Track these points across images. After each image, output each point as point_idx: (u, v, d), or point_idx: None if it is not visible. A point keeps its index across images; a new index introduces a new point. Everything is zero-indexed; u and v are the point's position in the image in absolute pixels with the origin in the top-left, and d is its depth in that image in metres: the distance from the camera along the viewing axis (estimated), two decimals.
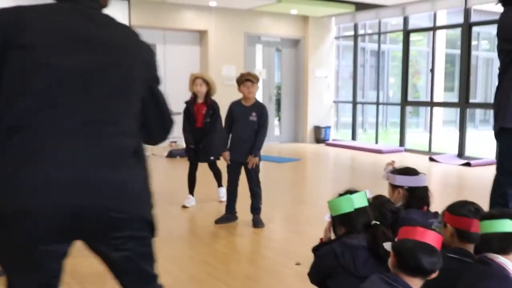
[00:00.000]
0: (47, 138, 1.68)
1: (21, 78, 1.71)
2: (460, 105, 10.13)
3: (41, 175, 1.65)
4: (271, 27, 12.24)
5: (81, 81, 1.75)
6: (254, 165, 5.15)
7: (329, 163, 10.31)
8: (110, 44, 1.85)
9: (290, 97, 12.95)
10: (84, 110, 1.74)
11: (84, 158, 1.70)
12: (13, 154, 1.67)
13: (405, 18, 11.08)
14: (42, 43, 1.73)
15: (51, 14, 1.82)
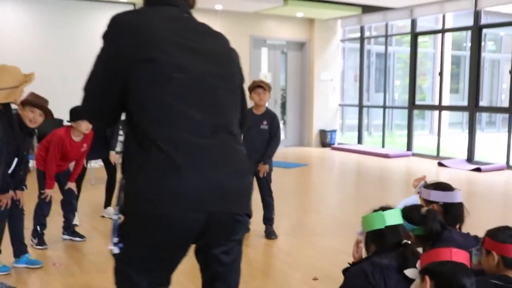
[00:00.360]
0: (181, 148, 1.78)
1: (148, 92, 1.81)
2: (469, 109, 10.00)
3: (179, 184, 1.75)
4: (276, 30, 12.13)
5: (202, 92, 1.87)
6: (265, 174, 5.03)
7: (337, 168, 10.20)
8: (218, 55, 2.00)
9: (296, 100, 12.83)
10: (208, 121, 1.86)
11: (215, 167, 1.81)
12: (153, 164, 1.77)
13: (413, 21, 10.95)
14: (164, 57, 1.82)
15: (164, 24, 1.90)
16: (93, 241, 4.91)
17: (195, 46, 1.93)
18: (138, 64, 1.81)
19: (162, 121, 1.79)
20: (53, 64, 9.74)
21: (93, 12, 10.09)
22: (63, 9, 9.81)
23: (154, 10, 1.97)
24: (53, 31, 9.78)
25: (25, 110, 3.85)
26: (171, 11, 1.99)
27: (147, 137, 1.79)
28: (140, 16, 1.95)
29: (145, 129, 1.79)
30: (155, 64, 1.81)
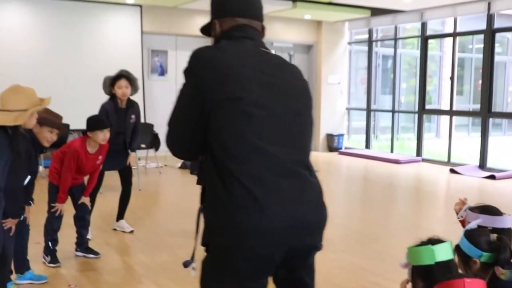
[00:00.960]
0: (263, 185, 1.82)
1: (231, 129, 1.84)
2: (482, 114, 9.83)
3: (262, 220, 1.80)
4: (283, 32, 11.93)
5: (281, 129, 1.91)
6: None
7: (346, 175, 10.02)
8: (295, 89, 2.01)
9: None
10: (288, 157, 1.90)
11: (295, 204, 1.86)
12: (235, 199, 1.81)
13: (423, 24, 10.78)
14: (247, 95, 1.85)
15: (245, 61, 1.93)
16: (107, 257, 4.71)
17: (274, 82, 1.95)
18: (223, 101, 1.85)
19: (244, 158, 1.82)
20: (57, 67, 9.55)
21: (98, 14, 9.89)
22: (67, 10, 9.61)
23: (233, 45, 1.99)
24: (57, 33, 9.58)
25: (43, 131, 3.66)
26: (248, 45, 2.02)
27: (229, 173, 1.82)
28: (222, 52, 1.95)
29: (227, 164, 1.83)
30: (239, 102, 1.84)
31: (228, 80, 1.87)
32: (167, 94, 11.06)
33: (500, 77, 17.26)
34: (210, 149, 1.89)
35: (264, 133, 1.86)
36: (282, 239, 1.83)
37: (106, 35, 10.01)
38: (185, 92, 1.94)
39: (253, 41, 2.04)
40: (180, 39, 11.22)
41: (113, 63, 9.98)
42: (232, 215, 1.82)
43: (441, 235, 2.29)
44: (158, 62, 11.07)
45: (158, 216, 6.39)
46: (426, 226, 6.02)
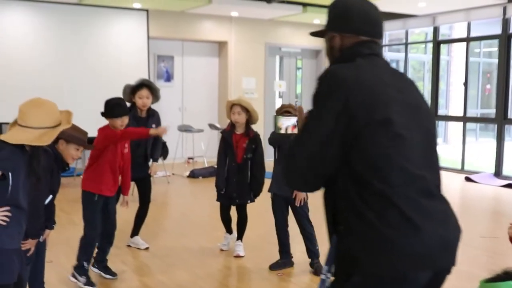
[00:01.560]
0: (415, 208, 1.75)
1: (380, 152, 1.75)
2: (497, 121, 9.61)
3: (415, 242, 1.73)
4: (291, 37, 11.71)
5: (424, 151, 1.84)
6: (302, 202, 4.59)
7: None
8: (424, 107, 1.91)
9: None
10: (432, 179, 1.84)
11: (443, 225, 1.81)
12: (387, 222, 1.73)
13: (435, 28, 10.57)
14: (393, 116, 1.76)
15: (384, 80, 1.84)
16: (124, 277, 4.46)
17: (410, 101, 1.87)
18: (373, 123, 1.74)
19: (396, 181, 1.75)
20: (62, 72, 9.31)
21: (104, 19, 9.66)
22: (73, 15, 9.37)
23: (368, 63, 1.88)
24: (62, 38, 9.33)
25: (69, 148, 3.41)
26: (381, 62, 1.94)
27: (379, 196, 1.74)
28: (361, 71, 1.83)
29: (377, 187, 1.74)
30: (388, 124, 1.75)
31: (377, 100, 1.76)
32: (174, 100, 10.85)
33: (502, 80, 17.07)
34: (350, 174, 1.79)
35: (410, 155, 1.79)
36: (431, 261, 1.78)
37: (112, 40, 9.78)
38: (324, 116, 1.77)
39: (383, 58, 1.96)
40: (187, 45, 10.99)
41: (119, 68, 9.77)
42: (383, 238, 1.74)
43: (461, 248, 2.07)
44: (164, 68, 10.83)
45: (171, 229, 6.14)
46: None
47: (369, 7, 1.97)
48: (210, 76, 11.33)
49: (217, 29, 10.86)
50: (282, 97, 12.09)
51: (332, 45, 1.98)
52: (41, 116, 2.75)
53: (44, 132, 2.73)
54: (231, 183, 4.87)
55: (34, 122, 2.72)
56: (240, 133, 4.86)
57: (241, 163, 4.85)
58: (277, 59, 11.94)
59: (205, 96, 11.28)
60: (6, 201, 2.69)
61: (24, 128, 2.71)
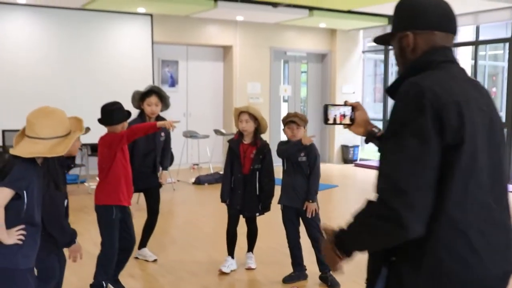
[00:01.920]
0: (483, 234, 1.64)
1: (458, 176, 1.59)
2: (508, 126, 9.46)
3: (482, 270, 1.64)
4: (297, 41, 11.58)
5: (497, 176, 1.70)
6: (314, 213, 4.45)
7: (364, 189, 9.56)
8: (499, 121, 1.76)
9: (316, 114, 12.24)
10: (499, 203, 1.70)
11: (505, 254, 1.70)
12: (456, 254, 1.61)
13: None
14: (478, 138, 1.62)
15: (465, 94, 1.65)
16: None
17: (490, 117, 1.70)
18: (456, 146, 1.58)
19: (468, 209, 1.62)
20: (66, 78, 9.18)
21: (107, 24, 9.54)
22: (77, 20, 9.24)
23: (448, 73, 1.70)
24: (66, 43, 9.21)
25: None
26: (458, 71, 1.76)
27: (448, 224, 1.60)
28: (446, 84, 1.64)
29: (449, 215, 1.59)
30: (471, 147, 1.59)
31: (464, 121, 1.58)
32: (178, 106, 10.69)
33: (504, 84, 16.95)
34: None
35: (481, 180, 1.64)
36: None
37: (116, 45, 9.65)
38: (426, 136, 1.55)
39: (459, 66, 1.78)
40: (191, 49, 10.86)
41: (123, 74, 9.64)
42: (450, 272, 1.62)
43: None
44: (169, 73, 10.70)
45: (179, 239, 5.99)
46: None
47: (440, 1, 1.81)
48: (215, 81, 11.20)
49: (222, 34, 10.73)
50: (288, 102, 11.96)
51: (403, 45, 1.79)
52: (52, 126, 2.60)
53: (57, 142, 2.59)
54: (237, 195, 4.64)
55: (45, 133, 2.57)
56: (247, 143, 4.64)
57: (248, 174, 4.61)
58: (282, 63, 11.80)
59: (210, 101, 11.15)
60: (21, 220, 2.57)
61: (34, 140, 2.56)
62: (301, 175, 4.46)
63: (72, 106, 9.05)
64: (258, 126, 4.61)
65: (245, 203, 4.66)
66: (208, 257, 5.22)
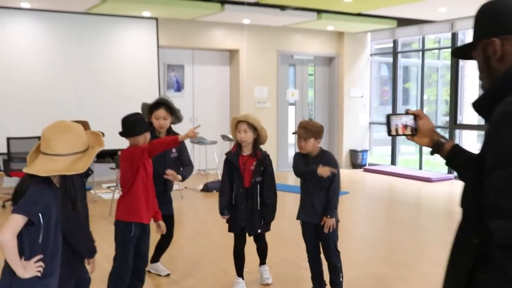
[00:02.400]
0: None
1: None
2: None
3: None
4: (304, 45, 11.40)
5: None
6: (331, 229, 4.22)
7: (374, 195, 9.37)
8: None
9: (324, 118, 12.07)
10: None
11: None
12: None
13: (454, 34, 10.24)
14: None
15: None
16: None
17: None
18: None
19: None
20: (70, 83, 9.03)
21: (112, 28, 9.36)
22: (80, 24, 9.07)
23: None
24: (70, 48, 9.04)
25: None
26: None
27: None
28: None
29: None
30: None
31: None
32: (184, 111, 10.42)
33: None
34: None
35: None
36: None
37: (121, 49, 9.46)
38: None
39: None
40: (197, 53, 10.67)
41: (128, 78, 9.46)
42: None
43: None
44: (174, 77, 10.51)
45: (191, 251, 5.78)
46: None
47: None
48: (221, 86, 11.01)
49: (228, 37, 10.54)
50: (295, 106, 11.77)
51: (488, 54, 1.59)
52: (70, 141, 2.40)
53: (76, 158, 2.39)
54: (240, 211, 4.32)
55: (63, 149, 2.37)
56: (247, 154, 4.32)
57: (250, 187, 4.31)
58: (289, 67, 11.61)
59: (216, 106, 10.96)
60: (39, 247, 2.36)
61: (51, 157, 2.36)
62: (320, 190, 4.22)
63: (78, 111, 8.90)
64: (257, 136, 4.27)
65: (248, 220, 4.37)
66: (222, 270, 5.02)
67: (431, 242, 6.19)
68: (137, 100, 9.45)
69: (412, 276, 4.97)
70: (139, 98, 9.55)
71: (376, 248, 5.91)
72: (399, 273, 4.99)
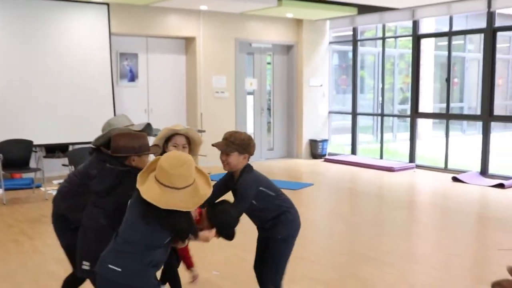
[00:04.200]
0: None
1: None
2: (483, 118, 9.23)
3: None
4: (262, 32, 11.05)
5: None
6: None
7: (335, 186, 9.13)
8: None
9: (283, 108, 11.79)
10: None
11: None
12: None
13: (415, 22, 10.11)
14: None
15: None
16: None
17: None
18: None
19: None
20: (18, 71, 8.40)
21: (59, 13, 8.74)
22: (29, 9, 8.43)
23: None
24: (17, 34, 8.38)
25: (143, 160, 3.08)
26: None
27: None
28: None
29: None
30: None
31: None
32: (138, 102, 10.04)
33: (472, 76, 16.93)
34: None
35: None
36: None
37: (70, 37, 8.86)
38: None
39: None
40: (152, 41, 10.17)
41: (80, 68, 8.91)
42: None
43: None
44: (128, 67, 9.98)
45: None
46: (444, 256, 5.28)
47: None
48: (177, 75, 10.54)
49: (185, 24, 10.08)
50: (254, 95, 11.43)
51: None
52: (187, 174, 2.55)
53: (190, 192, 2.54)
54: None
55: (181, 183, 2.51)
56: None
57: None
58: (247, 55, 11.24)
59: (172, 96, 10.49)
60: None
61: (171, 189, 2.50)
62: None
63: (26, 101, 8.30)
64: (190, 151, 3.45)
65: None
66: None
67: (399, 235, 6.00)
68: (89, 90, 8.95)
69: (379, 272, 4.74)
70: (92, 88, 9.04)
71: (344, 244, 5.66)
72: (369, 269, 4.75)
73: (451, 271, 4.75)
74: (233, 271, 4.71)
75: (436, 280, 4.54)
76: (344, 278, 4.60)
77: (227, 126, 10.58)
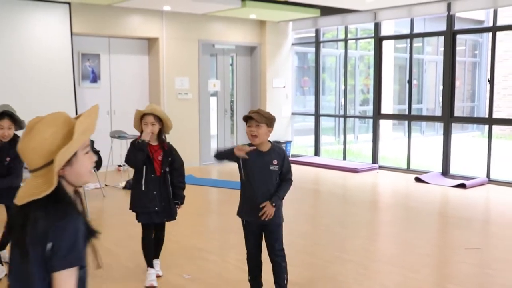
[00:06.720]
0: None
1: None
2: (444, 119, 9.42)
3: None
4: (225, 33, 11.01)
5: None
6: (270, 216, 3.87)
7: (299, 187, 9.18)
8: None
9: (246, 109, 11.74)
10: None
11: None
12: None
13: (377, 24, 10.25)
14: None
15: None
16: None
17: None
18: None
19: None
20: None
21: (21, 12, 8.49)
22: None
23: None
24: None
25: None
26: None
27: None
28: None
29: None
30: None
31: None
32: (101, 104, 9.79)
33: (430, 77, 17.29)
34: None
35: None
36: None
37: (31, 37, 8.63)
38: None
39: None
40: (114, 42, 10.00)
41: (40, 69, 8.70)
42: None
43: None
44: (90, 67, 9.78)
45: (125, 260, 5.27)
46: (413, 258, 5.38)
47: None
48: (140, 76, 10.40)
49: (147, 25, 9.95)
50: (217, 97, 11.37)
51: None
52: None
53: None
54: (152, 196, 4.35)
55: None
56: (155, 145, 4.39)
57: (161, 176, 4.39)
58: (211, 56, 11.18)
59: (135, 98, 10.32)
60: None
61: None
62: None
63: None
64: (162, 127, 4.37)
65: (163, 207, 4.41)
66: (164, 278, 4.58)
67: (368, 236, 6.06)
68: (51, 91, 8.72)
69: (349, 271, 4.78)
70: (53, 89, 8.80)
71: (314, 245, 5.68)
72: (339, 269, 4.78)
73: (422, 271, 4.82)
74: (203, 274, 4.66)
75: (408, 280, 4.60)
76: (317, 280, 4.61)
77: (191, 127, 10.52)
